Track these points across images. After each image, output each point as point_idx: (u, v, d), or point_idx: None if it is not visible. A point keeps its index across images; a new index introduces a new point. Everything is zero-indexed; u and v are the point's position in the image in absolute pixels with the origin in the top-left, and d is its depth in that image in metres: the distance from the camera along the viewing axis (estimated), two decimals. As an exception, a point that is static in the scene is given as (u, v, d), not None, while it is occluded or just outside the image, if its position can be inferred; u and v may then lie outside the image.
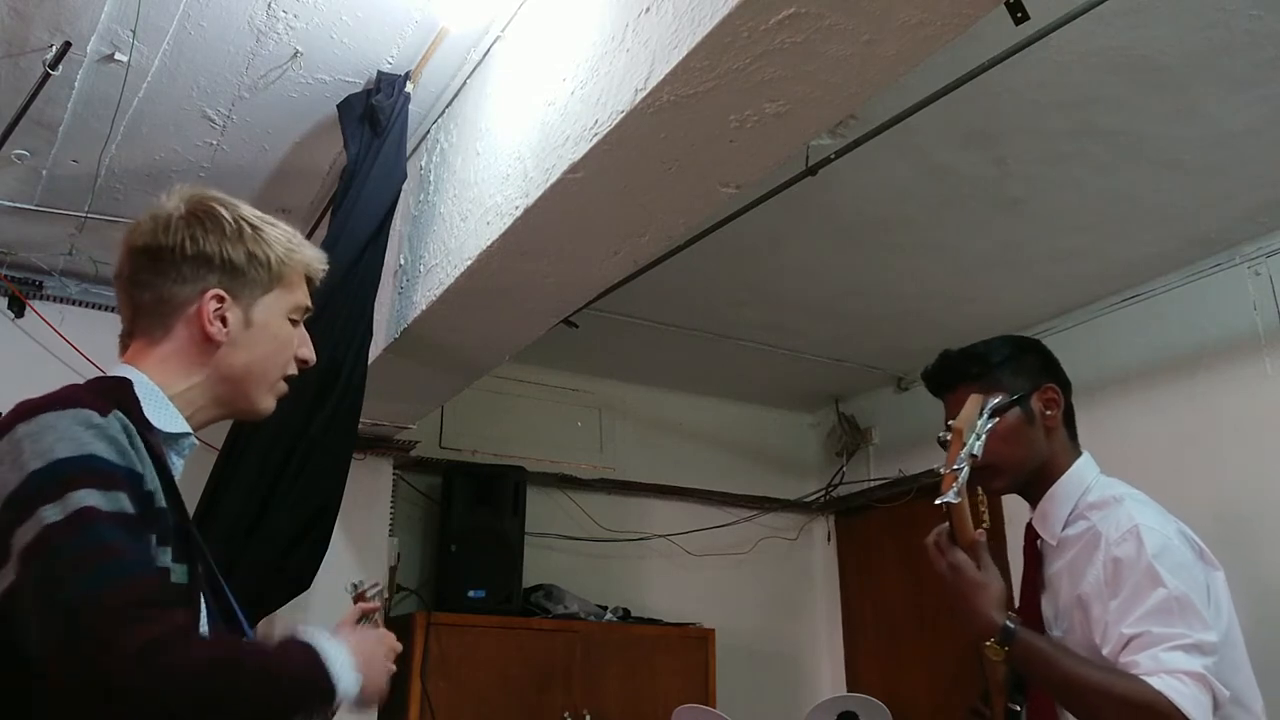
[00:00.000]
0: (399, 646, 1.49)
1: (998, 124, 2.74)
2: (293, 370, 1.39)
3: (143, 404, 1.22)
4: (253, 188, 3.10)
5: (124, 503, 1.07)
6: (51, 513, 1.02)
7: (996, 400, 1.62)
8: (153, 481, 1.14)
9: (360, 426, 2.70)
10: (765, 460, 5.08)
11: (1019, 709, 1.71)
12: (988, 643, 1.51)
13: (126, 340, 1.33)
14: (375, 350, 2.84)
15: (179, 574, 1.17)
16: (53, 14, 2.34)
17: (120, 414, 1.15)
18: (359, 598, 1.65)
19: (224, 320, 1.30)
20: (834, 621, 4.93)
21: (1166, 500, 1.72)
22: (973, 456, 1.53)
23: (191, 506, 2.67)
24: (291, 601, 2.65)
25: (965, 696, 1.86)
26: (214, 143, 2.87)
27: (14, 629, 1.01)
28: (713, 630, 4.22)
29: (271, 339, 1.35)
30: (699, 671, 4.09)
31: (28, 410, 1.13)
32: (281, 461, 2.45)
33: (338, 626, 1.49)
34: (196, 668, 1.00)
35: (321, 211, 3.18)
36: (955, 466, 1.50)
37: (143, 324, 1.31)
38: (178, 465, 1.28)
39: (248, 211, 1.38)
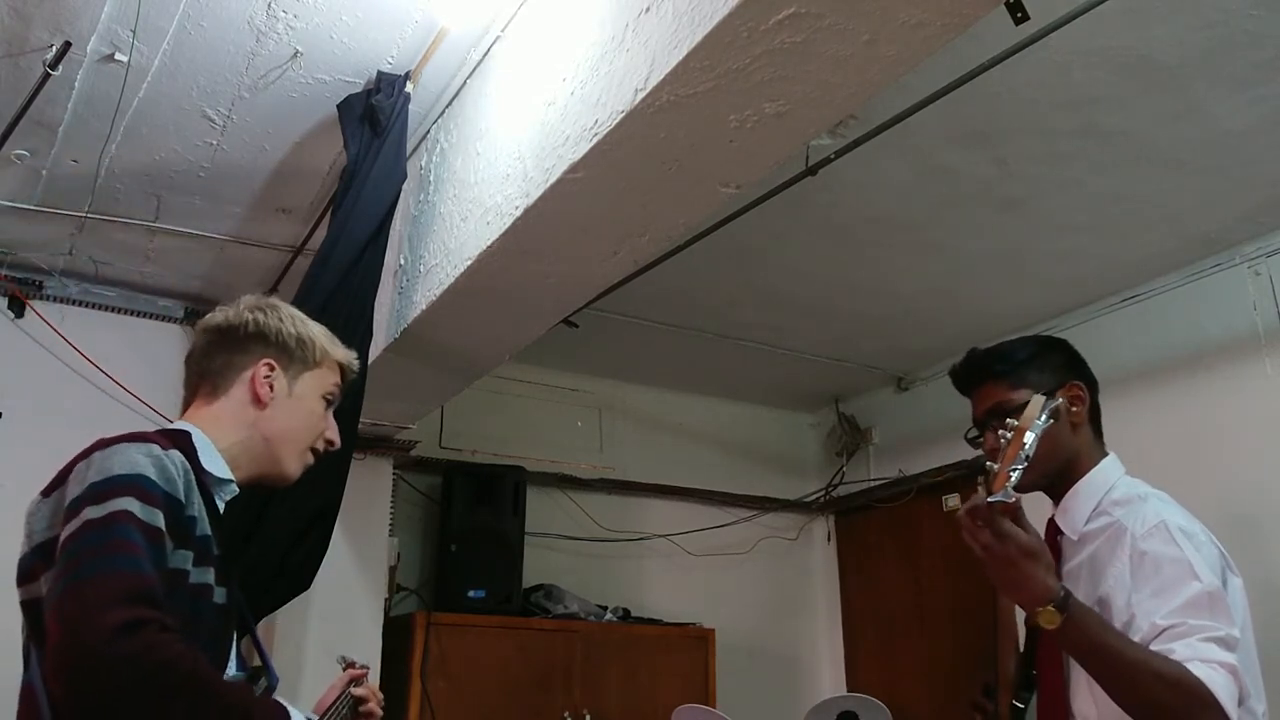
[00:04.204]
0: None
1: (998, 124, 2.74)
2: (320, 447, 1.63)
3: (198, 452, 1.45)
4: (253, 188, 3.10)
5: (158, 519, 1.27)
6: (93, 511, 1.23)
7: (1057, 403, 1.56)
8: (197, 510, 1.36)
9: (360, 426, 2.70)
10: (765, 460, 5.08)
11: (1023, 706, 1.72)
12: (1045, 608, 1.46)
13: (187, 402, 1.59)
14: (375, 350, 2.84)
15: (219, 595, 1.39)
16: (53, 14, 2.34)
17: (180, 453, 1.37)
18: (349, 667, 1.81)
19: (271, 386, 1.57)
20: (834, 621, 4.93)
21: (1167, 500, 1.72)
22: (1027, 457, 1.49)
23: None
24: (292, 601, 2.64)
25: (964, 696, 1.86)
26: (214, 143, 2.87)
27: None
28: (713, 630, 4.23)
29: (308, 412, 1.61)
30: (699, 671, 4.09)
31: (106, 442, 1.35)
32: (282, 461, 2.45)
33: (328, 689, 1.75)
34: (164, 659, 1.14)
35: (321, 211, 3.18)
36: (1013, 468, 1.43)
37: (205, 385, 1.57)
38: (219, 507, 1.48)
39: (298, 311, 1.68)
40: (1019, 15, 2.03)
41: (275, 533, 2.43)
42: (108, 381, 3.52)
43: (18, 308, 3.52)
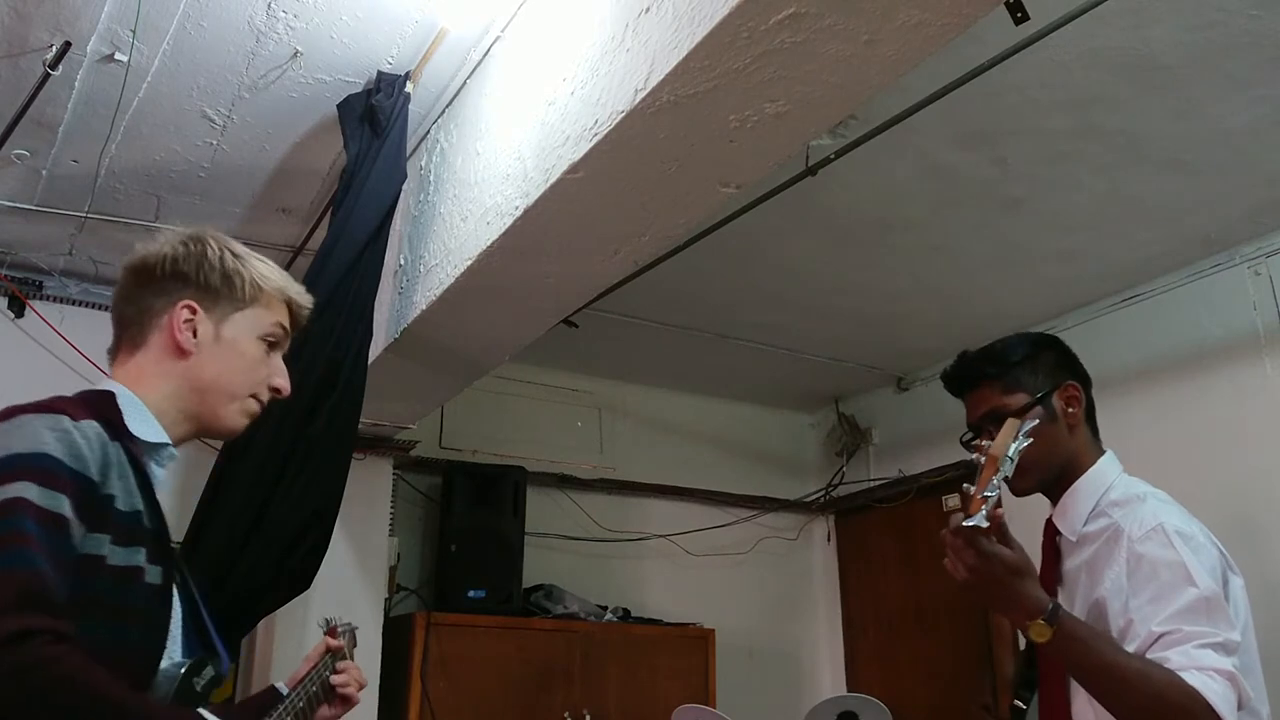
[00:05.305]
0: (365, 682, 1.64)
1: (998, 124, 2.74)
2: (264, 395, 1.44)
3: (125, 415, 1.29)
4: (253, 188, 3.10)
5: (61, 504, 1.13)
6: None
7: (1034, 423, 1.55)
8: (117, 487, 1.21)
9: (360, 426, 2.70)
10: (765, 460, 5.08)
11: (1025, 706, 1.72)
12: (1035, 622, 1.46)
13: (113, 355, 1.42)
14: (375, 350, 2.84)
15: (153, 574, 1.23)
16: (53, 14, 2.34)
17: (97, 423, 1.21)
18: (330, 633, 1.69)
19: (194, 332, 1.37)
20: (834, 621, 4.93)
21: (1167, 500, 1.72)
22: (1005, 479, 1.48)
23: (190, 508, 2.69)
24: (292, 601, 2.64)
25: (964, 696, 1.86)
26: (214, 143, 2.87)
27: None
28: (713, 630, 4.23)
29: (239, 355, 1.41)
30: (699, 671, 4.09)
31: (11, 412, 1.20)
32: (281, 462, 2.45)
33: (304, 660, 1.61)
34: (52, 672, 1.03)
35: (321, 211, 3.18)
36: (987, 493, 1.42)
37: (126, 336, 1.39)
38: (158, 474, 1.33)
39: (237, 245, 1.45)
40: (1019, 15, 2.03)
41: (275, 533, 2.43)
42: (108, 381, 3.52)
43: (18, 307, 3.52)
